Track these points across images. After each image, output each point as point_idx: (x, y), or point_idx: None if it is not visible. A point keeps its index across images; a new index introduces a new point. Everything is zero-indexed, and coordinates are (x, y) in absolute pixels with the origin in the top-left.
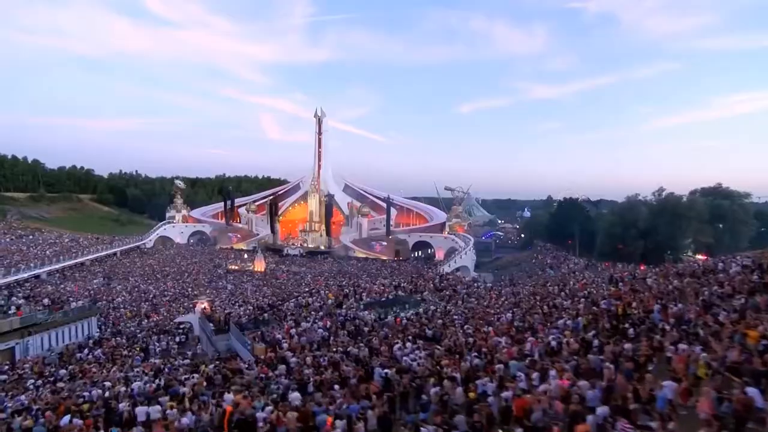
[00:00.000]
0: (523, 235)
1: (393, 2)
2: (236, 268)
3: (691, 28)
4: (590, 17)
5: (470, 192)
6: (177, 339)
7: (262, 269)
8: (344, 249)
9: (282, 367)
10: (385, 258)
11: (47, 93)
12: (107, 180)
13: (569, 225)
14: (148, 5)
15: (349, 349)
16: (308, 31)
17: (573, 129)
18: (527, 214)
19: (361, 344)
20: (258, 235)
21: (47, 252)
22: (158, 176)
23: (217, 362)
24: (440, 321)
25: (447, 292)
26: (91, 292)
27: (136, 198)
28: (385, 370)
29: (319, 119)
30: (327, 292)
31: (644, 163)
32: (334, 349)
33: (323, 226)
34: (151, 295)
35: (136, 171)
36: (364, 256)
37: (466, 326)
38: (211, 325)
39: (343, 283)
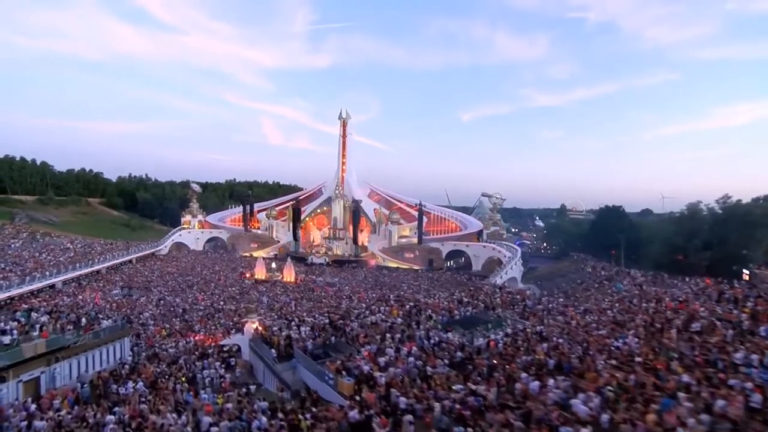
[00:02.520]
0: (546, 244)
1: (395, 10)
2: (264, 278)
3: (692, 38)
4: (591, 26)
5: (482, 200)
6: (223, 365)
7: (293, 279)
8: (372, 257)
9: (408, 419)
10: (417, 268)
11: (55, 96)
12: (116, 183)
13: (612, 234)
14: (152, 11)
15: (475, 389)
16: (310, 38)
17: (575, 137)
18: (539, 222)
19: (478, 379)
20: (279, 242)
21: (61, 258)
22: (167, 180)
23: (305, 406)
24: (545, 345)
25: (519, 308)
26: (113, 304)
27: (147, 202)
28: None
29: (343, 121)
30: (389, 308)
31: (649, 172)
32: (455, 388)
33: (348, 234)
34: (180, 309)
35: (146, 174)
36: (395, 265)
37: (590, 353)
38: (273, 351)
39: (388, 294)
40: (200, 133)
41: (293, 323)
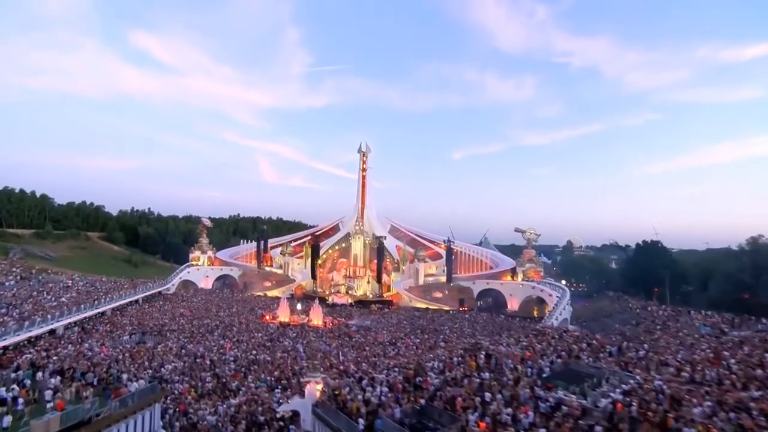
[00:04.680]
0: (565, 281)
1: (389, 54)
2: (289, 321)
3: (670, 82)
4: (575, 71)
5: (487, 236)
6: None
7: (321, 322)
8: (398, 296)
9: None
10: (447, 308)
11: (58, 132)
12: (117, 217)
13: (654, 270)
14: (155, 54)
15: None
16: (307, 80)
17: (565, 174)
18: (545, 259)
19: None
20: (295, 280)
21: (63, 299)
22: (170, 215)
23: None
24: (695, 411)
25: (605, 356)
26: (127, 355)
27: (149, 237)
28: None
29: (363, 154)
30: (466, 359)
31: (639, 208)
32: None
33: (368, 271)
34: (208, 361)
35: (149, 208)
36: (424, 306)
37: None
38: (362, 421)
39: (435, 339)
40: (199, 169)
41: (364, 382)
